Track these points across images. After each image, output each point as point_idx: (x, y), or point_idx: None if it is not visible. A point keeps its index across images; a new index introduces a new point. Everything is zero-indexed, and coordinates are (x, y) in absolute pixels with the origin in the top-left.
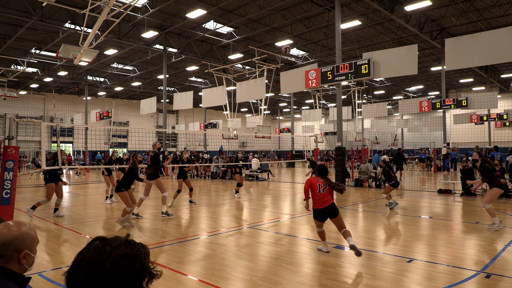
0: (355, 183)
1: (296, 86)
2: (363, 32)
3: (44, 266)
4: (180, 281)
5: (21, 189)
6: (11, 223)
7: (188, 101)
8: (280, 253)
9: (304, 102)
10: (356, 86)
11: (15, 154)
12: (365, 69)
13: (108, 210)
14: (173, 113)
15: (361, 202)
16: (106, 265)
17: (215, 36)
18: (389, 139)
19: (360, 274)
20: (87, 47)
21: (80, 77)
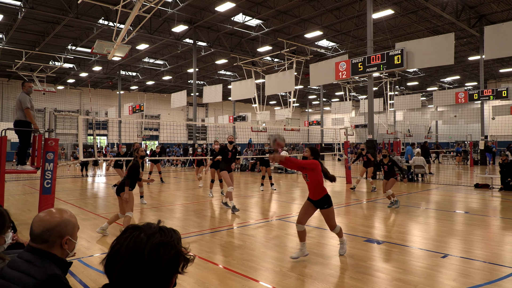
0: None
1: (326, 78)
2: (395, 22)
3: (82, 253)
4: (211, 270)
5: (59, 179)
6: (54, 210)
7: (217, 94)
8: (309, 246)
9: (334, 94)
10: (388, 78)
11: (55, 146)
12: (398, 59)
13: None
14: (202, 106)
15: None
16: (144, 254)
17: (244, 29)
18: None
19: (391, 268)
20: (120, 42)
21: (114, 72)
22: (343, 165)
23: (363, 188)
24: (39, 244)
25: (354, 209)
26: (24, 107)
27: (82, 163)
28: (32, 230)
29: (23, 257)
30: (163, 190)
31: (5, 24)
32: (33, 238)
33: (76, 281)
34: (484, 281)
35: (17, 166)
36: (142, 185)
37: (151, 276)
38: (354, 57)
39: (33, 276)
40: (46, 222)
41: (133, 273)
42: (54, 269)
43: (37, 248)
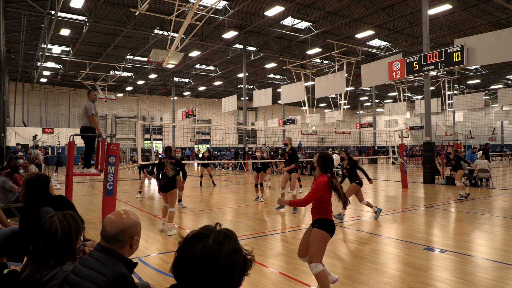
0: (446, 181)
1: (378, 78)
2: (454, 17)
3: (142, 252)
4: (263, 273)
5: (119, 181)
6: (122, 212)
7: (267, 98)
8: (364, 252)
9: (387, 95)
10: (446, 76)
11: (116, 150)
12: (457, 57)
13: (194, 203)
14: (252, 110)
15: (454, 202)
16: (220, 262)
17: (293, 32)
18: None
19: (454, 279)
20: (174, 50)
21: (168, 78)
22: (398, 168)
23: (420, 193)
24: (112, 244)
25: (411, 215)
26: (90, 114)
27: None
28: (106, 231)
29: (93, 255)
30: (215, 193)
31: (72, 38)
32: (107, 238)
33: (137, 278)
34: None
35: (83, 169)
36: (182, 189)
37: (227, 281)
38: (408, 56)
39: (103, 274)
40: (119, 224)
41: (212, 280)
42: (121, 268)
43: (108, 248)
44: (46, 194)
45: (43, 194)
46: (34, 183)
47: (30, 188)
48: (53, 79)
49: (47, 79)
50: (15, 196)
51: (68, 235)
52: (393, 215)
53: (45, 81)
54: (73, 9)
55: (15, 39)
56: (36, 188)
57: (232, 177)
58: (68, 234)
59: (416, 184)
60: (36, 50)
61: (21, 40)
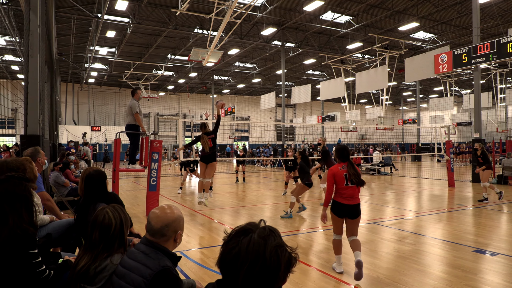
0: (497, 179)
1: (423, 72)
2: (507, 5)
3: (183, 246)
4: (304, 271)
5: (162, 177)
6: (166, 207)
7: (306, 95)
8: (407, 252)
9: (432, 90)
10: (498, 69)
11: (159, 147)
12: (511, 47)
13: (233, 199)
14: (291, 107)
15: (506, 202)
16: (266, 257)
17: (333, 27)
18: None
19: (508, 284)
20: (213, 48)
21: (207, 77)
22: (444, 166)
23: (468, 192)
24: (158, 238)
25: (459, 215)
26: (134, 112)
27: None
28: (152, 225)
29: (139, 248)
30: (254, 190)
31: (117, 40)
32: (152, 232)
33: (179, 271)
34: None
35: (128, 165)
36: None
37: (273, 277)
38: (456, 48)
39: (149, 267)
40: (164, 218)
41: (257, 275)
42: (166, 262)
43: (153, 241)
44: (104, 190)
45: (101, 190)
46: (93, 179)
47: (89, 184)
48: (100, 79)
49: (95, 79)
50: (67, 190)
51: (121, 225)
52: (438, 215)
53: (93, 82)
54: (118, 12)
55: (65, 42)
56: (94, 184)
57: (271, 174)
58: (120, 225)
59: (463, 183)
60: (84, 52)
61: (71, 43)
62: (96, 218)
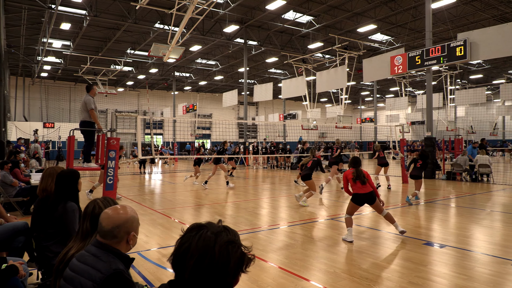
0: (446, 176)
1: (380, 73)
2: (457, 11)
3: (141, 246)
4: (263, 268)
5: (120, 176)
6: (119, 207)
7: (268, 93)
8: (364, 247)
9: (388, 90)
10: (449, 71)
11: (117, 145)
12: (460, 51)
13: (195, 197)
14: (253, 105)
15: (454, 197)
16: (215, 252)
17: (295, 26)
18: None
19: (454, 274)
20: (175, 44)
21: (168, 73)
22: (399, 163)
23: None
24: (109, 240)
25: (411, 210)
26: (89, 108)
27: (140, 161)
28: (102, 226)
29: (90, 251)
30: (215, 188)
31: (72, 32)
32: (103, 234)
33: (136, 273)
34: None
35: (83, 163)
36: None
37: (221, 273)
38: (411, 50)
39: (99, 270)
40: (115, 219)
41: (205, 270)
42: (118, 264)
43: (104, 243)
44: (75, 190)
45: (72, 189)
46: (65, 178)
47: (61, 183)
48: (53, 73)
49: (48, 73)
50: (15, 191)
51: None
52: (393, 210)
53: (46, 76)
54: (73, 3)
55: (15, 33)
56: (67, 183)
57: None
58: None
59: None
60: (36, 44)
61: (21, 34)
62: (86, 209)
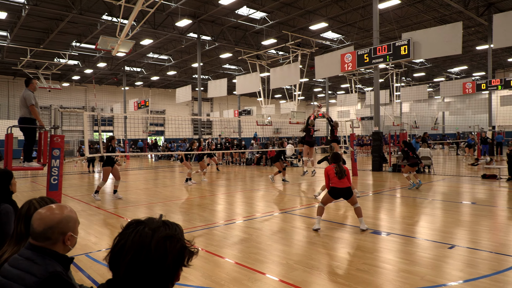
0: (392, 168)
1: (331, 70)
2: (402, 12)
3: (90, 248)
4: (217, 263)
5: (66, 176)
6: (54, 207)
7: (222, 89)
8: (316, 238)
9: (340, 86)
10: (395, 69)
11: (61, 143)
12: (404, 50)
13: (149, 196)
14: (207, 101)
15: (400, 188)
16: (151, 248)
17: (248, 22)
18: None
19: (398, 259)
20: (124, 38)
21: (118, 68)
22: (349, 157)
23: (369, 180)
24: (41, 242)
25: (360, 201)
26: (29, 104)
27: (88, 159)
28: (33, 228)
29: (23, 254)
30: (169, 185)
31: (9, 22)
32: (35, 236)
33: (85, 276)
34: (491, 271)
35: (24, 163)
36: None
37: (158, 269)
38: (360, 48)
39: (34, 274)
40: (47, 220)
41: (140, 267)
42: (55, 266)
43: (38, 246)
44: (7, 191)
45: (4, 190)
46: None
47: None
48: None
49: None
50: None
51: None
52: (343, 202)
53: None
54: None
55: None
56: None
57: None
58: None
59: (365, 172)
60: None
61: None
62: (20, 210)
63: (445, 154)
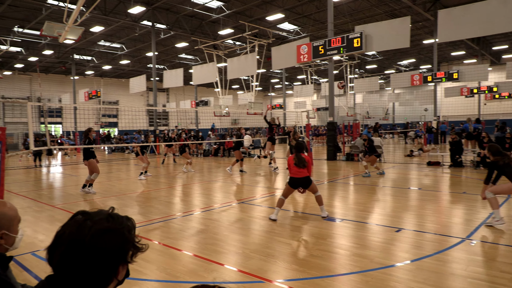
0: (346, 157)
1: (287, 61)
2: (355, 5)
3: (37, 246)
4: (174, 256)
5: (11, 171)
6: None
7: (179, 79)
8: (273, 227)
9: (296, 78)
10: (348, 61)
11: (2, 136)
12: (357, 42)
13: (102, 190)
14: (163, 91)
15: (353, 176)
16: (85, 240)
17: (205, 11)
18: (380, 113)
19: (350, 244)
20: (72, 24)
21: (67, 56)
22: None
23: (324, 169)
24: None
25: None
26: None
27: (35, 153)
28: None
29: None
30: (124, 178)
31: None
32: None
33: (31, 276)
34: (434, 251)
35: None
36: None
37: (92, 264)
38: (315, 40)
39: None
40: None
41: (74, 259)
42: None
43: None
44: None
45: None
46: None
47: None
48: None
49: None
50: None
51: None
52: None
53: None
54: None
55: None
56: None
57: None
58: None
59: (320, 161)
60: None
61: None
62: None
63: (395, 143)
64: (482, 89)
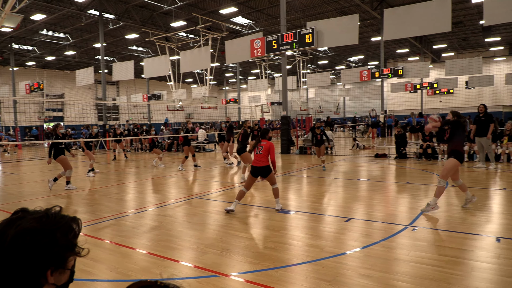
0: (299, 151)
1: (241, 55)
2: (307, 1)
3: None
4: (125, 254)
5: None
6: None
7: (129, 72)
8: (228, 221)
9: (250, 72)
10: (301, 56)
11: None
12: (309, 38)
13: (44, 188)
14: (113, 84)
15: (306, 168)
16: (6, 239)
17: (156, 2)
18: (332, 107)
19: (303, 235)
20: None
21: (4, 45)
22: None
23: (278, 163)
24: None
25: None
26: None
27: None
28: None
29: None
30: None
31: None
32: None
33: None
34: (380, 238)
35: None
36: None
37: (10, 265)
38: (268, 35)
39: None
40: None
41: None
42: None
43: None
44: None
45: None
46: None
47: None
48: None
49: None
50: None
51: None
52: (254, 184)
53: None
54: None
55: None
56: None
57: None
58: None
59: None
60: None
61: None
62: None
63: (345, 136)
64: (424, 85)
